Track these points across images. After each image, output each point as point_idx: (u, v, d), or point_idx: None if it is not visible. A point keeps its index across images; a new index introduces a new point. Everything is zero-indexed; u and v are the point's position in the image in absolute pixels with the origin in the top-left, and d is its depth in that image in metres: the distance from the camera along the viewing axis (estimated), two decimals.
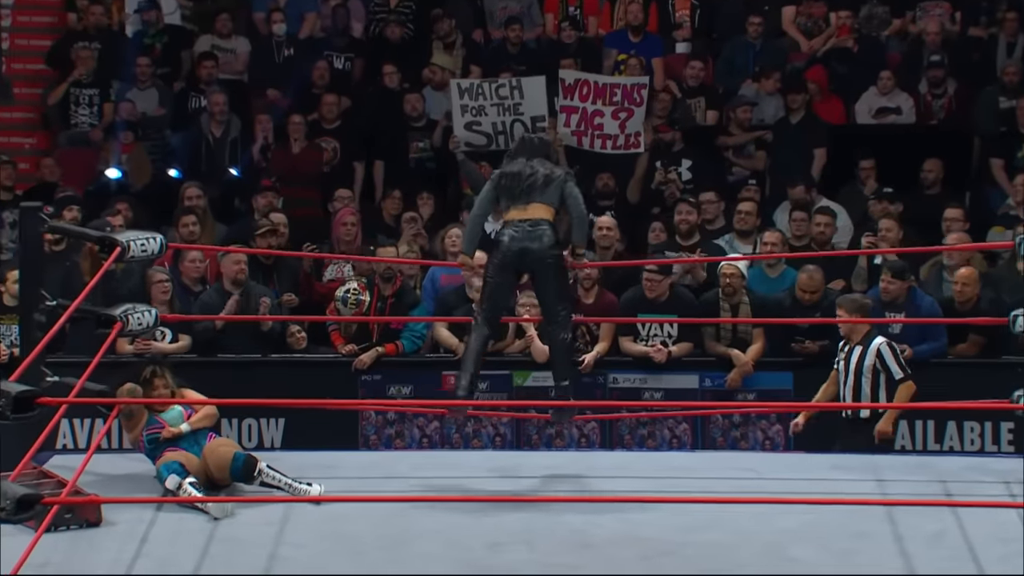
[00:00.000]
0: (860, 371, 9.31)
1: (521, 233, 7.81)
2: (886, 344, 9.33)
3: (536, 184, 7.86)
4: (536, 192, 7.86)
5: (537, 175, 7.88)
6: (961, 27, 13.80)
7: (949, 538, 7.24)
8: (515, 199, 7.88)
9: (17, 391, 6.33)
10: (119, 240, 8.29)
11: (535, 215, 7.83)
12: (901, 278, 10.33)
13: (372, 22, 14.06)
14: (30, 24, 14.61)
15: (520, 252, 7.81)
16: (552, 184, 7.87)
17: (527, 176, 7.87)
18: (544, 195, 7.86)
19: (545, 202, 7.86)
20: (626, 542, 7.19)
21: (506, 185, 7.91)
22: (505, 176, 7.93)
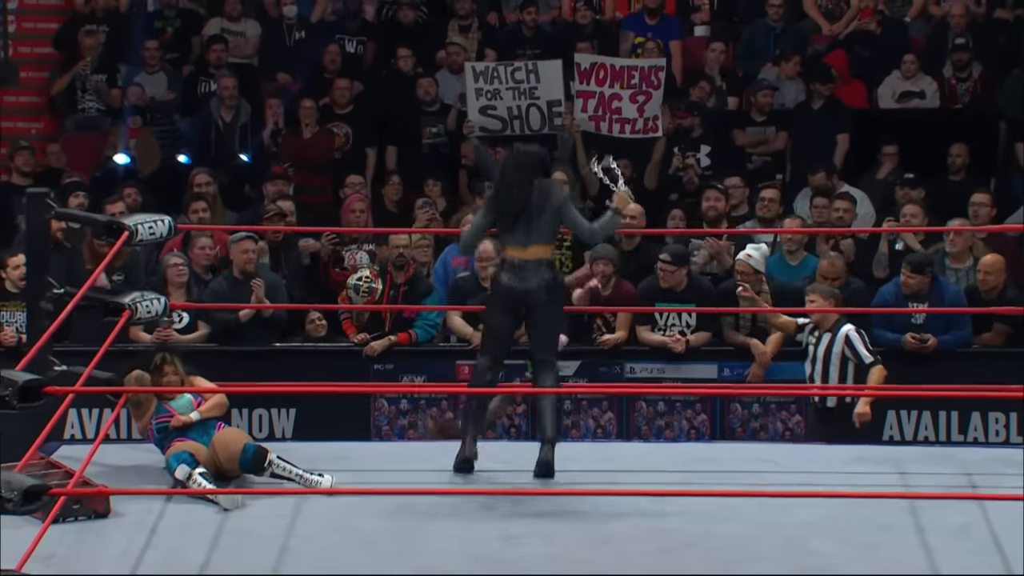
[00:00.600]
0: (828, 358, 9.38)
1: (522, 274, 7.73)
2: (854, 330, 9.44)
3: (533, 223, 7.72)
4: (535, 232, 7.74)
5: (534, 214, 7.72)
6: (987, 9, 13.77)
7: (974, 531, 7.23)
8: (513, 235, 7.77)
9: (24, 380, 6.34)
10: (127, 224, 8.30)
11: (535, 256, 7.75)
12: (921, 272, 10.33)
13: (385, 5, 14.04)
14: (37, 7, 14.63)
15: (522, 293, 7.74)
16: (551, 217, 7.74)
17: (524, 214, 7.72)
18: (543, 235, 7.76)
19: (544, 242, 7.78)
20: (645, 535, 7.19)
21: (502, 216, 7.80)
22: (500, 209, 7.81)
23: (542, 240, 7.77)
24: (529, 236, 7.75)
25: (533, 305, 7.77)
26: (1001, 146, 12.97)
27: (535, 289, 7.73)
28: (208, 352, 10.35)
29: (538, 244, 7.76)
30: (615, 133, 12.30)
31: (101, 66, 13.63)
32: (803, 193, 12.08)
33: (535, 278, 7.73)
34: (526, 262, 7.74)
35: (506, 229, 7.80)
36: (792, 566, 6.88)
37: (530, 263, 7.74)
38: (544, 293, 7.74)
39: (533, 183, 7.78)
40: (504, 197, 7.81)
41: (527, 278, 7.73)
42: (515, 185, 7.78)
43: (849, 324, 9.45)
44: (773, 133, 12.90)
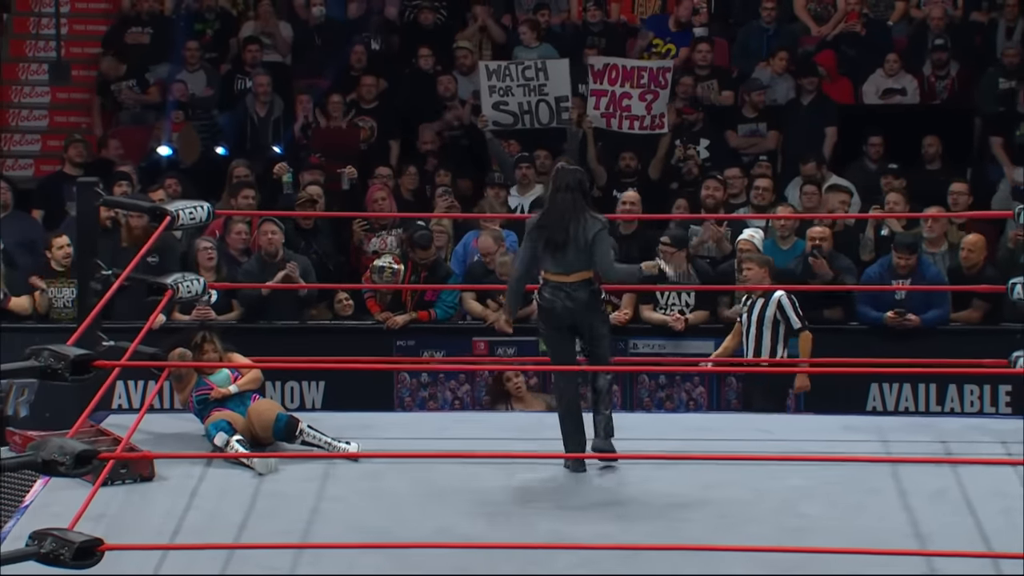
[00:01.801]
0: (761, 322, 9.40)
1: (560, 296, 7.42)
2: (786, 296, 9.46)
3: (570, 254, 7.40)
4: (577, 260, 7.40)
5: (577, 241, 7.37)
6: (963, 12, 13.73)
7: (950, 494, 7.23)
8: (555, 262, 7.42)
9: (75, 355, 6.34)
10: (169, 209, 8.32)
11: (577, 279, 7.43)
12: (912, 252, 10.32)
13: (407, 8, 14.03)
14: (87, 10, 14.64)
15: (564, 312, 7.43)
16: (584, 249, 7.41)
17: (566, 241, 7.38)
18: (585, 261, 7.43)
19: (585, 268, 7.44)
20: (647, 498, 7.19)
21: (545, 242, 7.43)
22: (544, 236, 7.43)
23: (582, 267, 7.44)
24: (572, 266, 7.42)
25: (577, 322, 7.48)
26: (976, 139, 12.95)
27: (580, 308, 7.44)
28: (245, 329, 10.36)
29: (580, 272, 7.44)
30: (624, 129, 12.30)
31: (130, 72, 13.62)
32: (794, 182, 12.06)
33: (579, 298, 7.43)
34: (569, 283, 7.43)
35: (549, 255, 7.44)
36: (783, 527, 6.87)
37: (572, 284, 7.43)
38: (587, 310, 7.46)
39: (583, 216, 7.42)
40: (556, 227, 7.43)
41: (572, 298, 7.42)
42: (564, 212, 7.42)
43: (781, 290, 9.46)
44: (765, 130, 12.87)
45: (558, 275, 7.44)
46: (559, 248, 7.41)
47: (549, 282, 7.47)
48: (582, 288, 7.45)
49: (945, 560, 6.47)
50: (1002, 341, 9.53)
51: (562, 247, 7.41)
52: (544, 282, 7.49)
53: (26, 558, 6.04)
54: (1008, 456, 7.77)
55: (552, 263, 7.45)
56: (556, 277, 7.45)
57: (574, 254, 7.42)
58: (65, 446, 6.15)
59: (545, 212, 7.52)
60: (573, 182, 7.48)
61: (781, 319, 9.48)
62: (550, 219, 7.46)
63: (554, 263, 7.44)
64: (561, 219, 7.42)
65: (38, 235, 11.52)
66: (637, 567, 6.46)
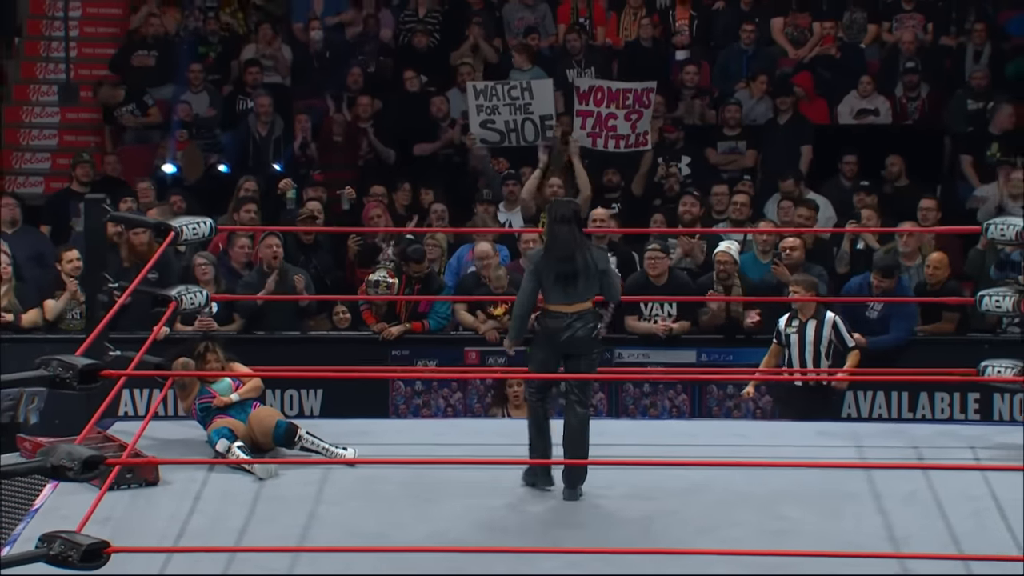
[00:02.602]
0: (819, 341, 9.34)
1: (568, 324, 7.29)
2: (838, 317, 9.40)
3: (580, 285, 7.30)
4: (581, 292, 7.31)
5: (588, 272, 7.29)
6: (933, 36, 13.75)
7: (921, 497, 7.23)
8: (558, 293, 7.29)
9: (83, 364, 6.34)
10: (173, 225, 8.31)
11: (580, 308, 7.33)
12: (890, 276, 10.30)
13: (401, 31, 14.03)
14: (95, 34, 14.64)
15: (567, 341, 7.30)
16: (594, 280, 7.34)
17: (576, 273, 7.28)
18: (587, 293, 7.34)
19: (588, 299, 7.36)
20: (632, 502, 7.18)
21: (549, 278, 7.29)
22: (554, 270, 7.29)
23: (585, 298, 7.36)
24: (575, 295, 7.31)
25: (578, 351, 7.36)
26: (946, 158, 12.96)
27: (582, 336, 7.32)
28: (246, 340, 10.33)
29: (582, 301, 7.35)
30: (610, 148, 12.28)
31: (129, 97, 13.61)
32: (773, 198, 12.05)
33: (582, 328, 7.32)
34: (571, 315, 7.32)
35: (560, 287, 7.30)
36: (763, 530, 6.87)
37: (574, 315, 7.32)
38: (590, 339, 7.36)
39: (586, 246, 7.37)
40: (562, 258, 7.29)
41: (574, 327, 7.30)
42: (569, 246, 7.31)
43: (831, 311, 9.42)
44: (744, 148, 12.88)
45: (562, 305, 7.32)
46: (570, 280, 7.30)
47: (550, 312, 7.34)
48: (585, 317, 7.36)
49: (918, 562, 6.46)
50: (970, 351, 9.54)
51: (573, 279, 7.30)
52: (545, 312, 7.37)
53: (36, 560, 6.04)
54: (976, 461, 7.77)
55: (562, 295, 7.30)
56: (560, 307, 7.33)
57: (583, 285, 7.33)
58: (73, 452, 6.14)
59: (549, 247, 7.38)
60: (569, 213, 7.39)
61: (836, 340, 9.42)
62: (558, 253, 7.33)
63: (564, 295, 7.30)
64: (569, 252, 7.32)
65: (47, 249, 11.51)
66: (622, 569, 6.45)
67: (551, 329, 7.31)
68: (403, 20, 14.06)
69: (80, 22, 14.52)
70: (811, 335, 9.43)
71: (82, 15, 14.58)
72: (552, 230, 7.38)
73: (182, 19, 14.29)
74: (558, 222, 7.35)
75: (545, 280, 7.32)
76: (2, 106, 14.18)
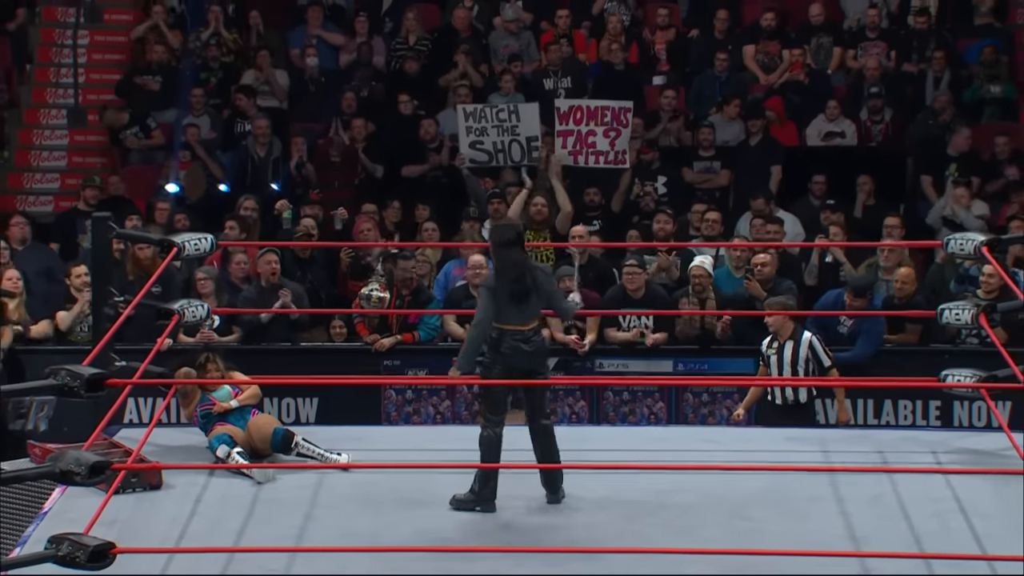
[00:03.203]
0: (796, 362, 9.29)
1: (524, 343, 7.28)
2: (814, 337, 9.33)
3: (532, 303, 7.32)
4: (532, 309, 7.33)
5: (538, 291, 7.29)
6: (896, 64, 13.79)
7: (885, 499, 7.24)
8: (512, 313, 7.25)
9: (89, 374, 6.34)
10: (176, 241, 8.32)
11: (533, 326, 7.35)
12: (863, 296, 10.30)
13: (392, 58, 14.05)
14: (102, 61, 14.64)
15: (529, 356, 7.30)
16: (544, 299, 7.37)
17: (528, 292, 7.28)
18: (538, 309, 7.39)
19: (538, 316, 7.41)
20: (612, 504, 7.18)
21: (504, 298, 7.26)
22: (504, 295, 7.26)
23: (536, 315, 7.38)
24: (529, 313, 7.31)
25: (536, 367, 7.37)
26: (908, 178, 13.00)
27: (537, 354, 7.34)
28: (245, 351, 10.32)
29: (534, 318, 7.36)
30: (591, 164, 12.29)
31: (133, 120, 13.61)
32: (745, 216, 12.08)
33: (537, 345, 7.34)
34: (528, 332, 7.31)
35: (514, 307, 7.27)
36: (734, 531, 6.88)
37: (530, 332, 7.33)
38: (541, 354, 7.41)
39: (536, 271, 7.39)
40: (515, 279, 7.26)
41: (530, 344, 7.30)
42: (520, 267, 7.31)
43: (807, 331, 9.39)
44: (718, 168, 12.91)
45: (517, 324, 7.29)
46: (523, 300, 7.29)
47: (507, 331, 7.28)
48: (538, 334, 7.39)
49: (881, 561, 6.48)
50: (932, 361, 9.57)
51: (526, 298, 7.29)
52: (502, 332, 7.29)
53: (45, 560, 6.04)
54: (938, 464, 7.79)
55: (516, 314, 7.27)
56: (515, 326, 7.28)
57: (535, 302, 7.33)
58: (81, 458, 6.14)
59: (502, 270, 7.33)
60: (513, 236, 7.36)
61: (812, 359, 9.36)
62: (511, 275, 7.30)
63: (518, 314, 7.27)
64: (521, 273, 7.31)
65: (55, 265, 11.51)
66: (602, 568, 6.46)
67: (513, 347, 7.26)
68: (394, 47, 14.07)
69: (88, 50, 14.53)
70: (788, 355, 9.35)
71: (89, 43, 14.58)
72: (501, 254, 7.33)
73: (183, 46, 14.28)
74: (504, 245, 7.31)
75: (500, 301, 7.27)
76: (14, 129, 14.18)
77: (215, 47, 14.04)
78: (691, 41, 14.14)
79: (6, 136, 14.07)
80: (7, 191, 13.78)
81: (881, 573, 6.41)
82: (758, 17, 14.01)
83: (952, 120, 13.02)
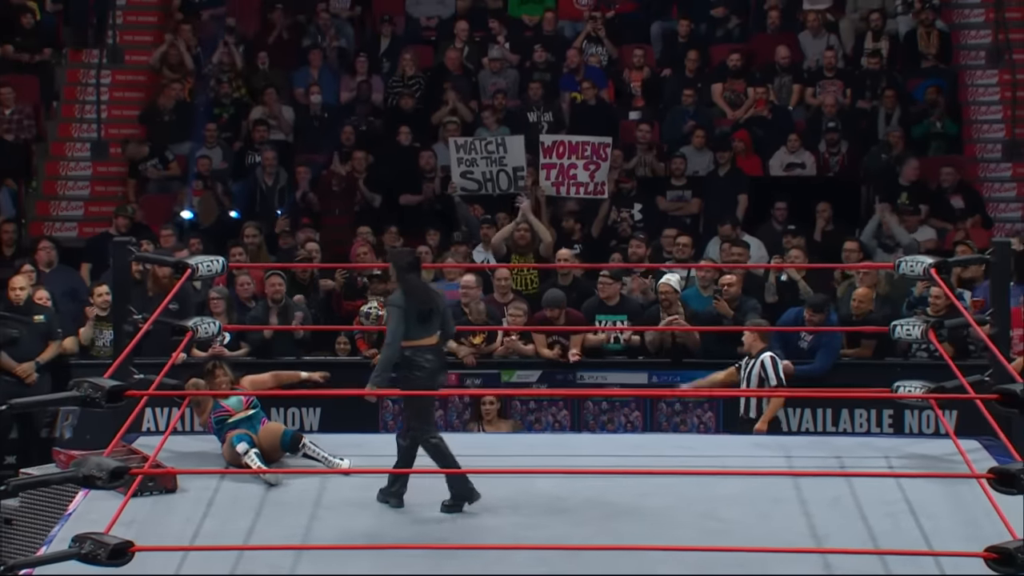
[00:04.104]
0: (750, 378, 9.30)
1: (438, 358, 7.31)
2: (769, 357, 9.28)
3: (435, 322, 7.34)
4: (434, 326, 7.34)
5: (432, 312, 7.32)
6: (851, 100, 13.83)
7: (843, 502, 7.23)
8: (421, 329, 7.27)
9: (110, 385, 6.33)
10: (189, 263, 8.32)
11: (438, 342, 7.38)
12: (820, 311, 10.29)
13: (389, 94, 14.05)
14: (123, 98, 14.62)
15: (442, 369, 7.41)
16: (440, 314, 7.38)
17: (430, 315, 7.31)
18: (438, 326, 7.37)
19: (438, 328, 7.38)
20: (592, 506, 7.16)
21: (414, 315, 7.27)
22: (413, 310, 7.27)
23: (437, 328, 7.38)
24: (432, 328, 7.34)
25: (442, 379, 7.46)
26: (863, 205, 13.02)
27: (444, 369, 7.45)
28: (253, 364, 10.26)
29: (436, 334, 7.38)
30: (572, 195, 12.31)
31: (152, 152, 13.60)
32: (714, 240, 12.08)
33: (443, 360, 7.42)
34: (436, 346, 7.35)
35: (415, 324, 7.28)
36: (705, 530, 6.86)
37: (438, 347, 7.37)
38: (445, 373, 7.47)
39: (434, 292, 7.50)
40: (422, 300, 7.32)
41: (441, 359, 7.37)
42: (422, 288, 7.41)
43: (767, 352, 9.33)
44: (689, 196, 12.93)
45: (427, 340, 7.31)
46: (428, 319, 7.31)
47: (419, 348, 7.29)
48: (442, 348, 7.45)
49: (839, 557, 6.46)
50: (885, 374, 9.58)
51: (431, 316, 7.33)
52: (415, 349, 7.28)
53: (69, 558, 6.03)
54: (891, 469, 7.80)
55: (423, 332, 7.29)
56: (426, 342, 7.31)
57: (436, 322, 7.35)
58: (102, 463, 6.12)
59: (411, 292, 7.33)
60: (413, 260, 7.45)
61: (764, 377, 9.34)
62: (420, 296, 7.35)
63: (424, 331, 7.29)
64: (425, 294, 7.39)
65: (79, 286, 11.51)
66: (582, 566, 6.44)
67: (431, 361, 7.28)
68: (391, 85, 14.07)
69: (110, 88, 14.51)
70: (750, 371, 9.32)
71: (112, 82, 14.56)
72: (405, 278, 7.35)
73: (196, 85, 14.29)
74: (407, 270, 7.36)
75: (409, 320, 7.28)
76: (42, 161, 14.17)
77: (227, 84, 14.04)
78: (664, 80, 14.16)
79: (35, 167, 14.06)
80: (36, 218, 13.75)
81: (840, 572, 6.39)
82: (725, 58, 14.04)
83: (902, 152, 13.05)
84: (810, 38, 14.27)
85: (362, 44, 14.62)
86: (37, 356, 10.39)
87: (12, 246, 12.28)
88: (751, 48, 14.34)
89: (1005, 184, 13.53)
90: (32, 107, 14.15)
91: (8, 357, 10.32)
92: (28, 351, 10.39)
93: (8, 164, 13.51)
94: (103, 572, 5.97)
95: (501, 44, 14.33)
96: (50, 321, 10.49)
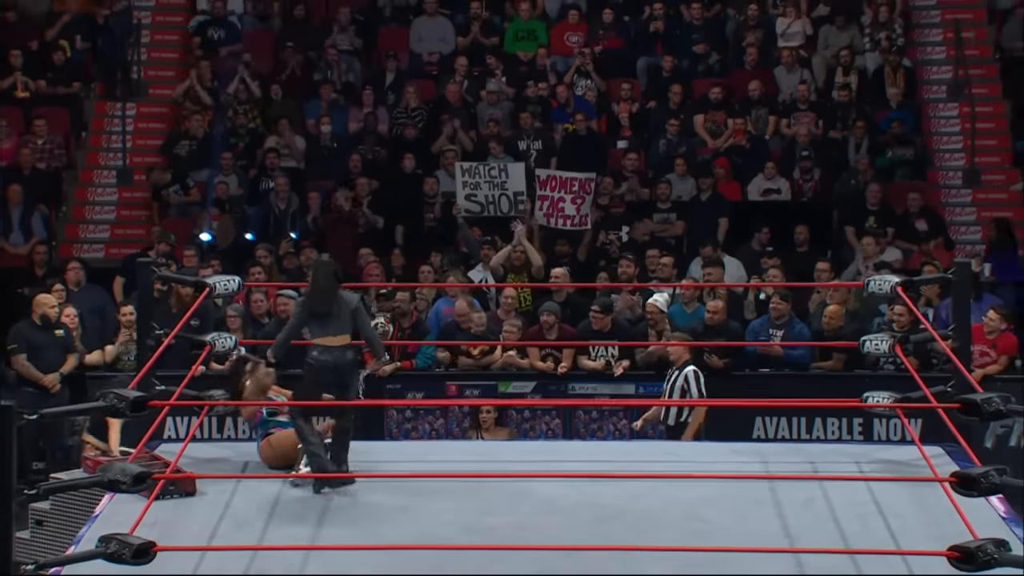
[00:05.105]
0: (673, 388, 9.30)
1: (333, 357, 7.37)
2: (693, 371, 9.31)
3: (336, 321, 7.41)
4: (339, 327, 7.41)
5: (337, 312, 7.39)
6: (823, 130, 13.88)
7: (816, 503, 7.21)
8: (324, 329, 7.41)
9: (134, 396, 6.33)
10: (208, 282, 8.33)
11: (341, 343, 7.42)
12: (787, 300, 10.38)
13: (394, 125, 14.07)
14: (147, 129, 14.68)
15: (334, 367, 7.41)
16: (348, 318, 7.45)
17: (331, 313, 7.41)
18: (344, 327, 7.44)
19: (346, 332, 7.45)
20: (583, 508, 7.15)
21: (314, 316, 7.43)
22: (313, 309, 7.44)
23: (344, 332, 7.44)
24: (337, 329, 7.42)
25: (342, 379, 7.47)
26: (835, 229, 13.05)
27: (344, 365, 7.44)
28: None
29: (342, 335, 7.43)
30: (559, 226, 12.39)
31: (174, 179, 13.64)
32: (696, 261, 12.10)
33: (344, 357, 7.43)
34: (336, 347, 7.40)
35: (318, 325, 7.44)
36: (689, 531, 6.85)
37: (338, 347, 7.42)
38: (349, 369, 7.48)
39: (337, 293, 7.45)
40: (319, 302, 7.42)
41: (337, 358, 7.40)
42: (325, 292, 7.42)
43: (691, 366, 9.38)
44: (674, 219, 12.95)
45: (328, 339, 7.42)
46: (324, 319, 7.41)
47: (315, 345, 7.45)
48: (347, 350, 7.46)
49: (812, 556, 6.46)
50: (855, 384, 9.59)
51: (327, 318, 7.41)
52: (314, 346, 7.45)
53: (96, 557, 6.03)
54: (861, 473, 7.78)
55: (319, 330, 7.43)
56: (327, 341, 7.42)
57: (336, 325, 7.41)
58: (126, 468, 6.13)
59: (310, 293, 7.51)
60: (331, 270, 7.53)
61: (686, 389, 9.34)
62: (316, 298, 7.47)
63: (320, 330, 7.43)
64: (324, 298, 7.44)
65: (106, 304, 11.51)
66: (576, 566, 6.42)
67: (316, 360, 7.41)
68: (396, 116, 14.10)
69: (135, 119, 14.55)
70: (676, 382, 9.39)
71: (136, 114, 14.60)
72: (313, 278, 7.52)
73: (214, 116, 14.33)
74: (318, 271, 7.52)
75: (304, 316, 7.50)
76: (71, 187, 14.19)
77: (243, 115, 14.06)
78: (650, 111, 14.19)
79: (65, 193, 14.09)
80: (65, 240, 13.79)
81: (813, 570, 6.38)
82: (707, 91, 14.09)
83: (871, 179, 13.08)
84: (785, 73, 14.33)
85: (368, 78, 14.66)
86: (60, 368, 10.40)
87: (44, 266, 12.29)
88: (730, 82, 14.39)
89: (966, 208, 13.59)
90: (63, 137, 14.19)
91: (34, 368, 10.33)
92: (51, 363, 10.40)
93: (40, 190, 13.54)
94: (128, 571, 5.96)
95: (498, 78, 14.37)
96: (69, 335, 10.48)
